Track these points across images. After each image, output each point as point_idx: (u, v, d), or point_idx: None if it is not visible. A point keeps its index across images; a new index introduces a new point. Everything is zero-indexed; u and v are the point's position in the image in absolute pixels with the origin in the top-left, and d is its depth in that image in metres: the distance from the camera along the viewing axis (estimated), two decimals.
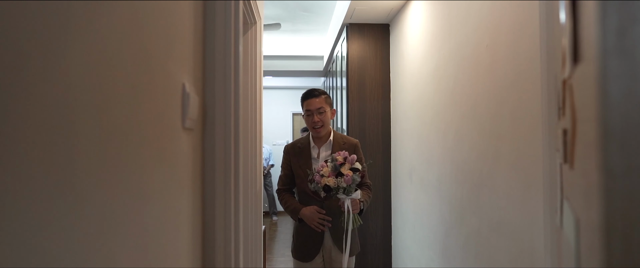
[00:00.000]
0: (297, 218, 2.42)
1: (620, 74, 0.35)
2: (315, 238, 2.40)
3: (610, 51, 0.35)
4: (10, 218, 0.41)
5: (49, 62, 0.48)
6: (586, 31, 0.42)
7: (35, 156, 0.46)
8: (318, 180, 2.22)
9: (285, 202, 2.47)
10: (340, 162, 2.22)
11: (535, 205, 1.53)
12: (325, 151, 2.47)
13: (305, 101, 2.46)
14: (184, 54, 1.01)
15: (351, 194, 2.24)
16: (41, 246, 0.46)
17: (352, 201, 2.26)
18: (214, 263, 1.21)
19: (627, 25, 0.35)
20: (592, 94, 0.39)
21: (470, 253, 2.16)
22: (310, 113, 2.42)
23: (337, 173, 2.20)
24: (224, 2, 1.25)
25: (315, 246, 2.41)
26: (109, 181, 0.62)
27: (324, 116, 2.41)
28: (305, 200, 2.43)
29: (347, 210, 2.25)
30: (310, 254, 2.42)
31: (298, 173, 2.45)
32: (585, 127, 0.44)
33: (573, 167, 0.66)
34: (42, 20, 0.47)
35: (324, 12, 4.71)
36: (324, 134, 2.47)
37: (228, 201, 1.23)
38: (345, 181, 2.17)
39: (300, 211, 2.38)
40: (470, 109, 2.15)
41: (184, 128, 1.01)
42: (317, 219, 2.34)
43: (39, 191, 0.46)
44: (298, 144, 2.54)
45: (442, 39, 2.60)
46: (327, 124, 2.46)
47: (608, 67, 0.35)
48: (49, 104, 0.48)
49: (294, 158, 2.49)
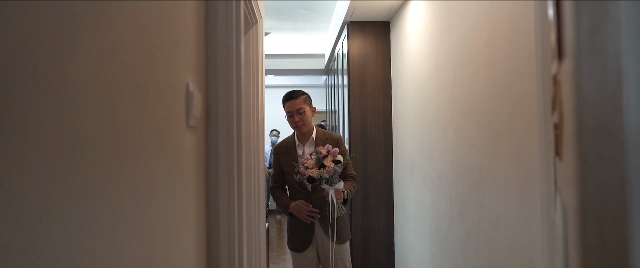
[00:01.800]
0: (288, 212, 2.63)
1: (593, 70, 0.37)
2: (307, 229, 2.61)
3: (584, 48, 0.38)
4: (24, 213, 0.44)
5: (59, 63, 0.51)
6: (566, 29, 0.45)
7: (47, 154, 0.48)
8: (303, 172, 2.44)
9: (277, 198, 2.70)
10: (323, 155, 2.44)
11: (534, 199, 1.56)
12: (309, 147, 2.66)
13: (286, 103, 2.64)
14: (187, 54, 1.04)
15: (334, 185, 2.46)
16: (53, 239, 0.49)
17: (336, 192, 2.47)
18: (218, 259, 1.24)
19: (598, 24, 0.37)
20: (569, 88, 0.41)
21: (471, 248, 2.19)
22: (291, 113, 2.62)
23: (320, 165, 2.42)
24: (225, 2, 1.28)
25: (307, 237, 2.62)
26: (117, 177, 0.65)
27: (304, 115, 2.60)
28: (295, 195, 2.65)
29: (331, 199, 2.46)
30: (303, 244, 2.63)
31: (287, 170, 2.65)
32: (567, 120, 0.47)
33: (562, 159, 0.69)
34: (53, 22, 0.50)
35: (325, 10, 4.74)
36: (306, 131, 2.67)
37: (231, 198, 1.26)
38: (327, 172, 2.40)
39: (289, 206, 2.60)
40: (469, 106, 2.18)
41: (188, 126, 1.04)
42: (305, 212, 2.55)
43: (50, 187, 0.49)
44: (284, 143, 2.76)
45: (441, 37, 2.62)
46: (308, 122, 2.65)
47: (582, 63, 0.38)
48: (60, 103, 0.51)
49: (281, 157, 2.70)
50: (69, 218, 0.52)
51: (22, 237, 0.43)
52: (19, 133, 0.43)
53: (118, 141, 0.65)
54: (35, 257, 0.45)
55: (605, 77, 0.36)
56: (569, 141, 0.48)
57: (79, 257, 0.54)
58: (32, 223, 0.45)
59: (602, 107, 0.36)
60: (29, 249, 0.44)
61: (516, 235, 1.70)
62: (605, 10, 0.38)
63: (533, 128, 1.55)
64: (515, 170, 1.71)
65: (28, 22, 0.45)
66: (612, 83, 0.37)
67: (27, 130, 0.44)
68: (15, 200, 0.42)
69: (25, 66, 0.44)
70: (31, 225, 0.45)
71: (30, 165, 0.45)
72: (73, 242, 0.53)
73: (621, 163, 0.37)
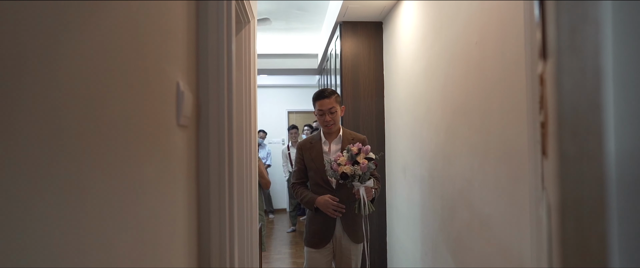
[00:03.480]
0: (313, 208, 2.61)
1: (572, 69, 0.38)
2: (328, 226, 2.62)
3: (564, 48, 0.39)
4: (12, 211, 0.45)
5: (49, 61, 0.51)
6: (549, 29, 0.45)
7: (36, 152, 0.48)
8: (335, 168, 2.44)
9: (300, 194, 2.69)
10: (355, 152, 2.44)
11: (523, 198, 1.57)
12: (335, 145, 2.68)
13: (318, 101, 2.64)
14: (178, 53, 1.04)
15: (365, 182, 2.46)
16: (42, 238, 0.49)
17: (366, 189, 2.48)
18: (209, 258, 1.24)
19: (577, 25, 0.38)
20: (552, 87, 0.42)
21: (462, 247, 2.20)
22: (322, 112, 2.61)
23: (353, 162, 2.42)
24: (216, 2, 1.28)
25: (327, 234, 2.63)
26: (107, 176, 0.65)
27: (335, 115, 2.62)
28: (318, 191, 2.64)
29: (362, 197, 2.46)
30: (322, 241, 2.63)
31: (311, 166, 2.66)
32: (551, 118, 0.48)
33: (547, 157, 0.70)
34: (43, 21, 0.50)
35: (318, 10, 4.74)
36: (335, 130, 2.68)
37: (222, 197, 1.26)
38: (361, 169, 2.41)
39: (315, 201, 2.58)
40: (461, 105, 2.19)
41: (178, 125, 1.04)
42: (332, 206, 2.54)
43: (39, 186, 0.49)
44: (310, 140, 2.76)
45: (433, 37, 2.64)
46: (338, 121, 2.66)
47: (562, 62, 0.39)
48: (49, 102, 0.51)
49: (306, 153, 2.70)
50: (58, 217, 0.52)
51: (10, 235, 0.43)
52: (8, 131, 0.43)
53: (107, 140, 0.65)
54: (23, 254, 0.46)
55: (584, 76, 0.37)
56: (552, 139, 0.49)
57: (68, 256, 0.54)
58: (21, 221, 0.45)
59: (582, 105, 0.37)
60: (17, 247, 0.45)
61: (506, 234, 1.72)
62: (584, 10, 0.38)
63: (522, 127, 1.56)
64: (505, 169, 1.72)
65: (19, 21, 0.45)
66: (592, 82, 0.38)
67: (16, 128, 0.44)
68: (4, 198, 0.42)
69: (14, 65, 0.44)
70: (19, 223, 0.45)
71: (19, 163, 0.45)
72: (62, 240, 0.53)
73: (600, 160, 0.37)
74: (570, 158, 0.38)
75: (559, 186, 0.40)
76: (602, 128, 0.37)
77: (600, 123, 0.37)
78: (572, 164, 0.38)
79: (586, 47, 0.38)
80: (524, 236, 1.58)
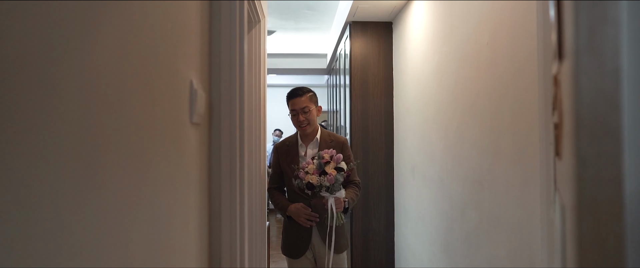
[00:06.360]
0: (286, 215, 2.46)
1: (591, 70, 0.38)
2: (303, 235, 2.45)
3: (582, 49, 0.39)
4: (31, 209, 0.45)
5: (66, 62, 0.52)
6: (566, 29, 0.45)
7: (54, 151, 0.49)
8: (302, 177, 2.27)
9: (275, 200, 2.52)
10: (326, 160, 2.26)
11: (534, 199, 1.57)
12: (312, 148, 2.50)
13: (290, 100, 2.48)
14: (191, 52, 1.05)
15: (335, 193, 2.29)
16: (59, 235, 0.50)
17: (336, 200, 2.30)
18: (220, 258, 1.25)
19: (597, 25, 0.38)
20: (569, 88, 0.42)
21: (471, 248, 2.20)
22: (295, 112, 2.44)
23: (321, 172, 2.25)
24: (229, 2, 1.29)
25: (303, 243, 2.46)
26: (123, 174, 0.66)
27: (309, 114, 2.43)
28: (294, 198, 2.46)
29: (330, 208, 2.29)
30: (299, 251, 2.47)
31: (286, 170, 2.47)
32: (566, 119, 0.48)
33: (561, 158, 0.69)
34: (61, 22, 0.51)
35: (328, 10, 4.75)
36: (311, 132, 2.49)
37: (233, 195, 1.27)
38: (328, 180, 2.22)
39: (287, 209, 2.43)
40: (471, 106, 2.18)
41: (191, 122, 1.05)
42: (304, 216, 2.38)
43: (57, 184, 0.50)
44: (286, 142, 2.58)
45: (443, 37, 2.63)
46: (313, 122, 2.48)
47: (580, 63, 0.39)
48: (67, 101, 0.51)
49: (282, 156, 2.52)
50: (75, 214, 0.53)
51: (28, 232, 0.44)
52: (26, 131, 0.44)
53: (123, 137, 0.66)
54: (40, 252, 0.46)
55: (603, 77, 0.37)
56: (567, 140, 0.49)
57: (84, 253, 0.55)
58: (39, 219, 0.46)
59: (600, 106, 0.37)
60: (35, 244, 0.45)
61: (516, 236, 1.71)
62: (603, 10, 0.38)
63: (534, 128, 1.56)
64: (515, 170, 1.72)
65: (39, 22, 0.46)
66: (610, 83, 0.38)
67: (34, 128, 0.45)
68: (23, 196, 0.43)
69: (34, 66, 0.45)
70: (38, 220, 0.46)
71: (38, 162, 0.46)
72: (78, 237, 0.54)
73: (618, 161, 0.38)
74: (588, 159, 0.38)
75: (575, 187, 0.40)
76: (620, 128, 0.37)
77: (619, 124, 0.37)
78: (590, 165, 0.38)
79: (605, 48, 0.38)
80: (534, 237, 1.57)
